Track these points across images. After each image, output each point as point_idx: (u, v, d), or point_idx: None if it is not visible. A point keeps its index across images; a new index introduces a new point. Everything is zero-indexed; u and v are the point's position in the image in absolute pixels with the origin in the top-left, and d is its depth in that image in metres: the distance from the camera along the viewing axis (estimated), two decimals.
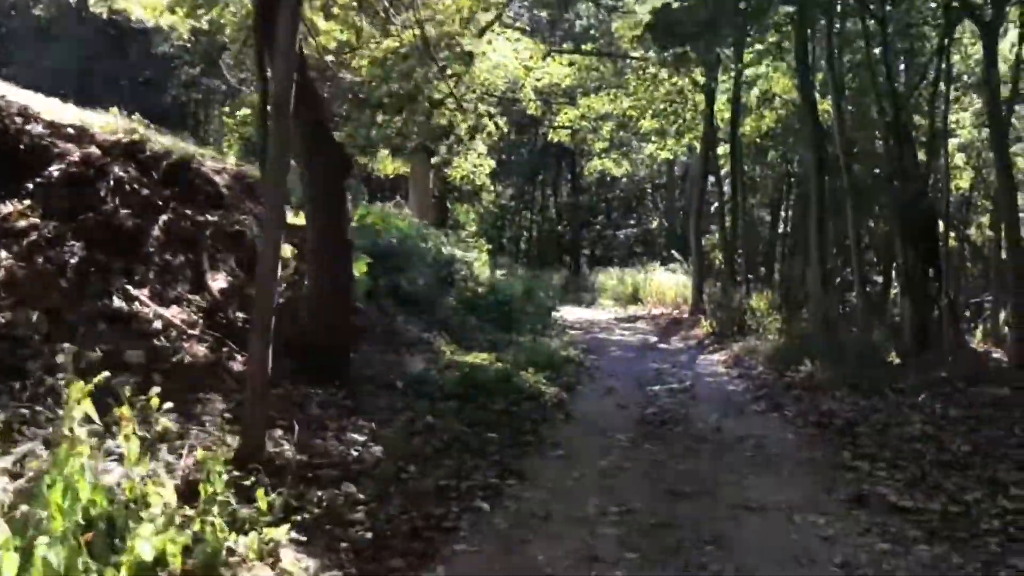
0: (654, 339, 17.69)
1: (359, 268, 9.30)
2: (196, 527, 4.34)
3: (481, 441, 7.40)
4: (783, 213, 27.59)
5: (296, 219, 9.27)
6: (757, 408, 10.11)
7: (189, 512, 4.47)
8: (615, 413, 9.44)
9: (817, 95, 16.86)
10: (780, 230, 27.61)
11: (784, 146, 23.70)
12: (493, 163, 23.94)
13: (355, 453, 6.47)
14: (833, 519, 5.93)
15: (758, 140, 23.09)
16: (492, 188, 36.69)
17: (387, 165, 20.90)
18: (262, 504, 5.05)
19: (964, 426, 8.98)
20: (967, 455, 7.72)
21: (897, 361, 13.44)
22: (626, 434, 8.33)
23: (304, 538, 4.91)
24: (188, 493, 4.77)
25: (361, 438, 6.84)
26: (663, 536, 5.45)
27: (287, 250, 8.62)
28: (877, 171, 15.80)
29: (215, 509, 4.44)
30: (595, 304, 25.93)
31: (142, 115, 10.66)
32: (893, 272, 22.29)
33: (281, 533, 4.75)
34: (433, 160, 24.22)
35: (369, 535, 5.09)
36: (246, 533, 4.69)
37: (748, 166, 23.58)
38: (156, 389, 5.06)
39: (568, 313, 21.75)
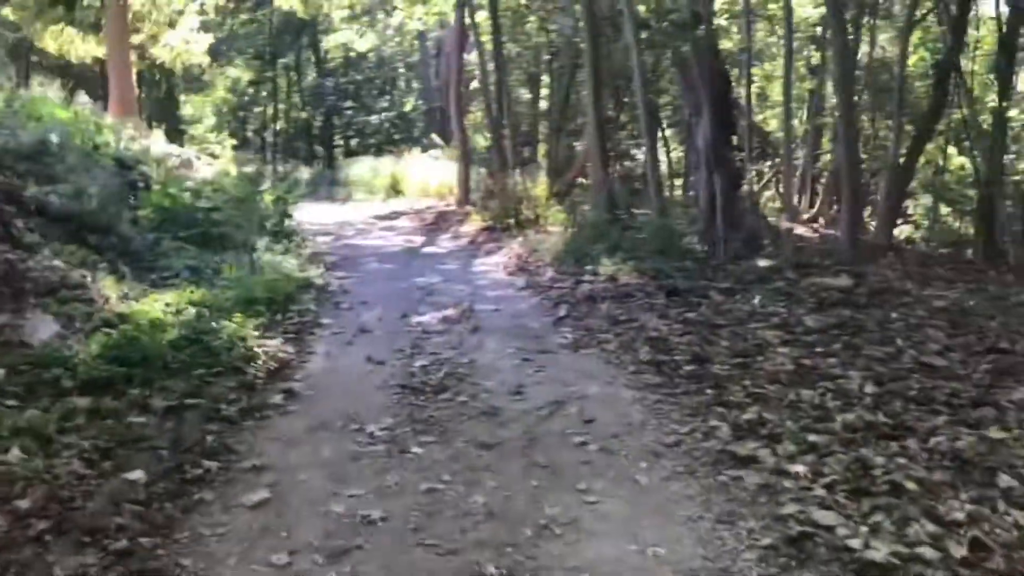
0: (420, 240, 14.40)
1: None
2: None
3: (104, 499, 3.84)
4: (544, 90, 24.85)
5: None
6: (563, 339, 7.12)
7: None
8: (366, 376, 6.10)
9: None
10: (542, 107, 24.84)
11: (544, 11, 20.62)
12: (210, 39, 19.27)
13: None
14: None
15: (521, 3, 19.82)
16: (223, 74, 31.46)
17: (60, 43, 15.69)
18: None
19: (839, 343, 6.47)
20: (878, 399, 5.13)
21: (703, 248, 11.00)
22: (381, 423, 5.04)
23: None
24: None
25: None
26: None
27: None
28: (665, 23, 12.96)
29: None
30: (351, 200, 22.14)
31: None
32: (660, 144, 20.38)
33: None
34: (134, 39, 19.19)
35: None
36: None
37: (506, 39, 20.39)
38: None
39: (318, 214, 18.02)
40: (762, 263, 10.04)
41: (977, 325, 7.03)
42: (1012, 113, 15.40)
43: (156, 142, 15.55)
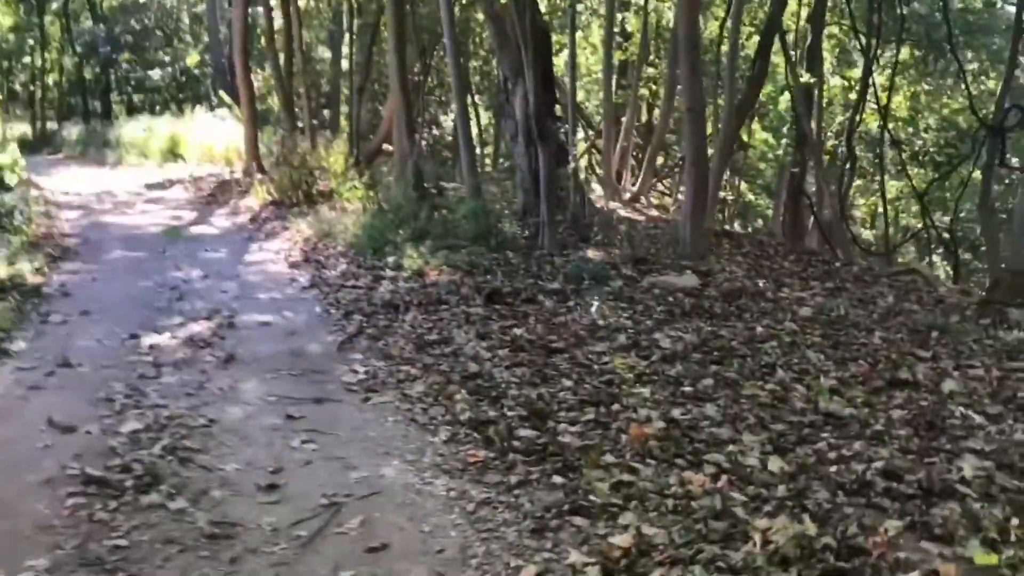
0: (190, 217, 11.75)
1: None
2: None
3: None
4: (345, 48, 22.28)
5: None
6: (351, 374, 5.08)
7: None
8: (36, 457, 3.80)
9: None
10: (343, 67, 22.27)
11: None
12: None
13: None
14: None
15: None
16: None
17: None
18: None
19: (708, 377, 4.85)
20: (792, 485, 3.50)
21: (525, 234, 9.25)
22: (24, 570, 2.85)
23: None
24: None
25: None
26: None
27: None
28: None
29: None
30: (122, 165, 18.72)
31: None
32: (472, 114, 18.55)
33: None
34: None
35: None
36: None
37: None
38: None
39: (78, 181, 14.93)
40: (592, 254, 8.43)
41: (860, 343, 5.66)
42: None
43: None
